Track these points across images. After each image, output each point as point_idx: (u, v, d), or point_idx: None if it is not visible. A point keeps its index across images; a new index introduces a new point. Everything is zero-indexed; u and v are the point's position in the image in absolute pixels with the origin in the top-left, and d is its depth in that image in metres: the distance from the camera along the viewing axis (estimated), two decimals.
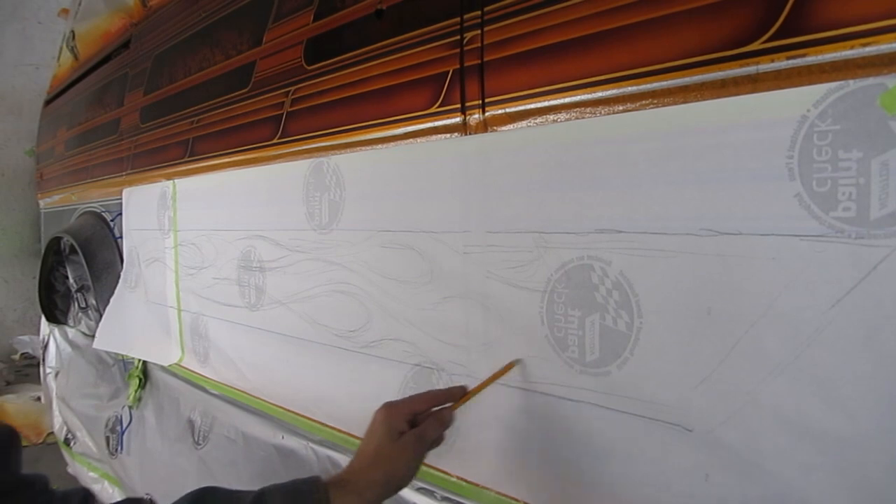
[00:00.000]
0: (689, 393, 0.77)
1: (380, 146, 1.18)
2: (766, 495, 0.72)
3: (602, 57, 0.82)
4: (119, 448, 2.17)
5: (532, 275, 0.93)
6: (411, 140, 1.11)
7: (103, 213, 2.45)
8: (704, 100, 0.74)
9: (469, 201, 1.01)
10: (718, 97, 0.73)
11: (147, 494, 1.99)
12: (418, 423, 0.89)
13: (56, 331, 2.97)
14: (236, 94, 1.56)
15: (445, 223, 1.05)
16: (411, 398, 0.93)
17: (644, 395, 0.81)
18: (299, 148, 1.36)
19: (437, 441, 0.91)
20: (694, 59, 0.74)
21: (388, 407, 0.90)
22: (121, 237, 2.26)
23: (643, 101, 0.79)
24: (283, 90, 1.40)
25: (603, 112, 0.84)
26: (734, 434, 0.73)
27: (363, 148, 1.21)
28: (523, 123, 0.94)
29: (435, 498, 1.10)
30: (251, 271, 1.54)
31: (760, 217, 0.70)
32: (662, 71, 0.77)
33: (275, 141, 1.43)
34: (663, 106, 0.78)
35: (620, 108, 0.82)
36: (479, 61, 0.98)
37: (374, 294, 1.20)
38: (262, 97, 1.47)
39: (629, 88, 0.81)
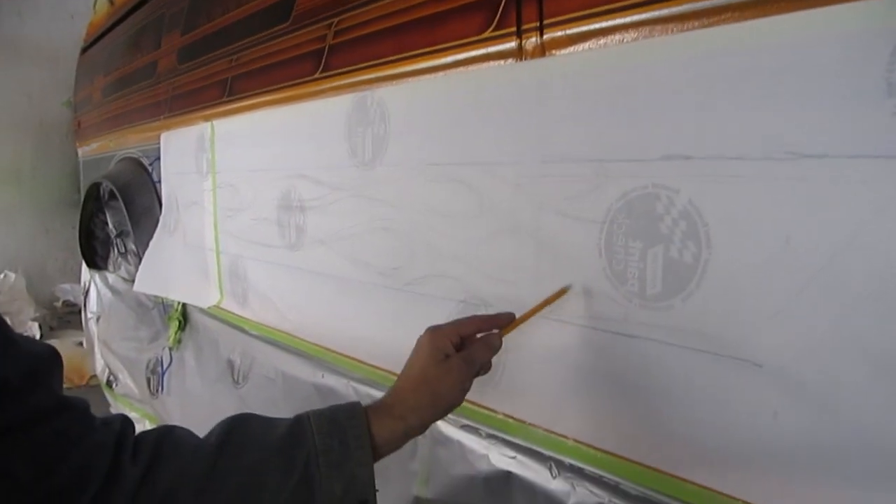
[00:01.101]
0: (760, 327, 0.73)
1: (427, 76, 1.13)
2: (840, 435, 0.68)
3: None
4: (160, 388, 2.21)
5: (590, 205, 0.88)
6: (461, 68, 1.07)
7: (141, 159, 2.45)
8: (788, 12, 0.69)
9: (523, 131, 0.97)
10: (804, 9, 0.67)
11: None
12: (465, 347, 0.86)
13: (97, 276, 3.01)
14: (276, 28, 1.52)
15: (497, 154, 1.01)
16: (458, 321, 0.90)
17: (709, 330, 0.77)
18: (342, 82, 1.32)
19: (485, 367, 0.88)
20: None
21: (434, 330, 0.87)
22: (159, 182, 2.26)
23: (719, 17, 0.74)
24: (325, 22, 1.35)
25: (674, 30, 0.78)
26: (809, 370, 0.69)
27: (410, 79, 1.17)
28: (585, 46, 0.88)
29: (480, 435, 1.09)
30: (291, 211, 1.52)
31: (850, 138, 0.64)
32: None
33: (316, 76, 1.39)
34: (741, 21, 0.72)
35: (695, 24, 0.76)
36: None
37: (419, 230, 1.17)
38: (303, 31, 1.42)
39: (703, 3, 0.75)
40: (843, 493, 0.68)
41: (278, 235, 1.59)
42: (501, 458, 1.05)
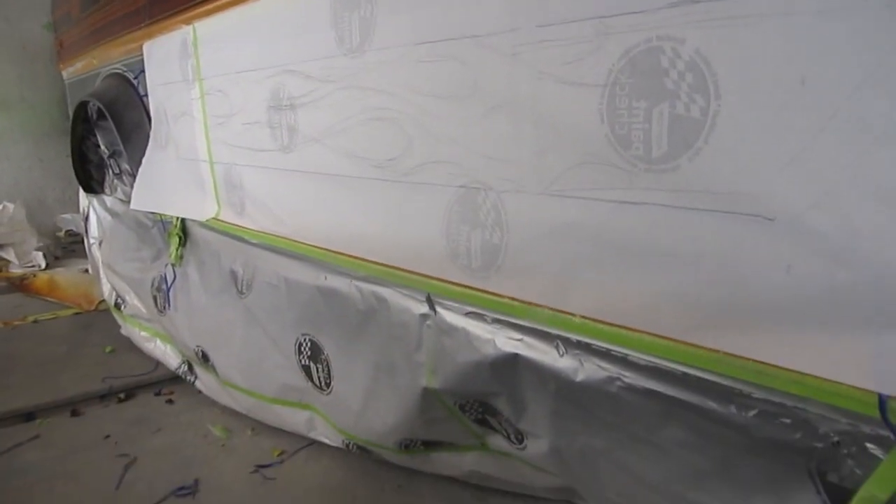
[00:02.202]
0: (773, 177, 0.69)
1: None
2: (857, 281, 0.65)
3: None
4: (167, 305, 2.21)
5: (590, 68, 0.83)
6: None
7: (126, 73, 2.37)
8: None
9: None
10: None
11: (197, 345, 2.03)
12: None
13: (94, 201, 2.97)
14: None
15: (490, 23, 0.95)
16: None
17: (718, 187, 0.74)
18: None
19: None
20: None
21: None
22: (146, 95, 2.19)
23: None
24: None
25: None
26: (825, 217, 0.66)
27: None
28: None
29: (485, 321, 1.07)
30: (281, 111, 1.47)
31: None
32: None
33: None
34: None
35: None
36: None
37: (414, 115, 1.12)
38: None
39: None
40: (856, 341, 0.66)
41: (270, 138, 1.54)
42: (508, 342, 1.04)
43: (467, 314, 1.10)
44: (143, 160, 2.19)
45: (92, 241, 3.10)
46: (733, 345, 0.76)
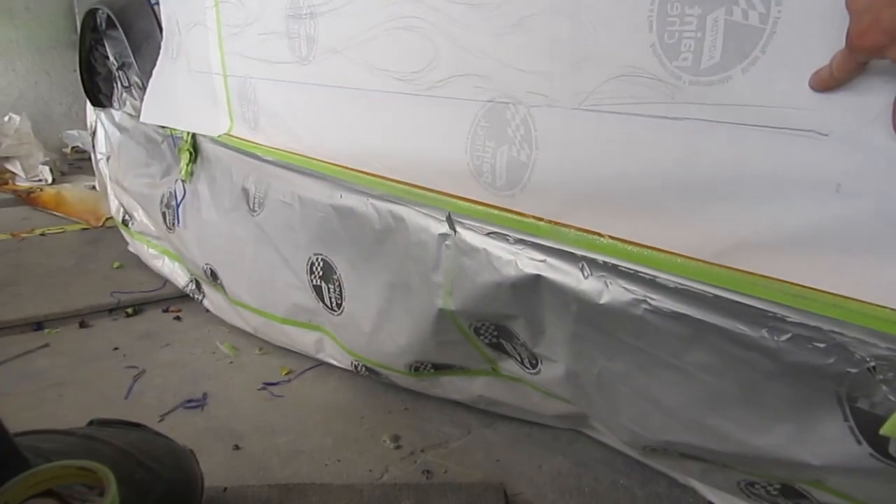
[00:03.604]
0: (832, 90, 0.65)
1: None
2: None
3: None
4: (176, 222, 2.18)
5: None
6: None
7: None
8: None
9: None
10: None
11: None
12: None
13: (102, 115, 2.91)
14: None
15: None
16: None
17: (771, 101, 0.70)
18: None
19: None
20: None
21: None
22: (157, 3, 2.11)
23: None
24: None
25: None
26: (882, 133, 0.62)
27: None
28: None
29: (507, 241, 1.05)
30: (301, 19, 1.41)
31: None
32: None
33: None
34: None
35: None
36: None
37: (441, 24, 1.07)
38: None
39: None
40: None
41: (288, 49, 1.48)
42: (530, 263, 1.01)
43: (489, 234, 1.08)
44: (154, 72, 2.13)
45: (99, 156, 3.05)
46: (771, 267, 0.74)
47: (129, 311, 2.28)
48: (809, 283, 0.71)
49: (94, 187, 3.53)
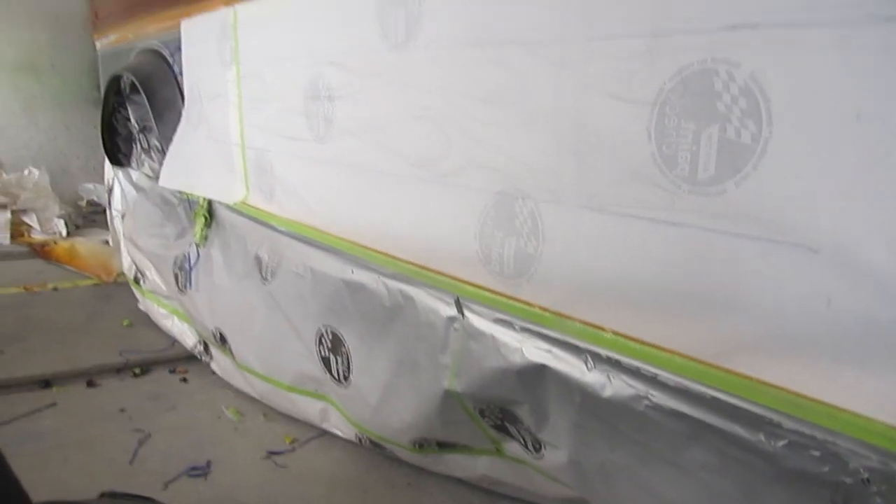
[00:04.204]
0: (821, 209, 0.69)
1: None
2: None
3: None
4: (188, 284, 2.23)
5: (641, 85, 0.83)
6: None
7: (162, 50, 2.38)
8: None
9: (567, 5, 0.90)
10: None
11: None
12: None
13: (120, 174, 2.99)
14: None
15: (540, 31, 0.95)
16: None
17: (763, 215, 0.74)
18: None
19: None
20: None
21: None
22: (181, 74, 2.20)
23: None
24: None
25: None
26: (871, 252, 0.66)
27: None
28: None
29: (514, 329, 1.08)
30: (319, 101, 1.47)
31: None
32: None
33: None
34: None
35: None
36: None
37: (455, 117, 1.12)
38: None
39: None
40: (894, 378, 0.66)
41: (306, 127, 1.54)
42: (536, 352, 1.04)
43: (496, 320, 1.11)
44: (175, 138, 2.20)
45: (115, 213, 3.12)
46: (767, 373, 0.76)
47: (137, 370, 2.30)
48: (804, 389, 0.73)
49: (107, 242, 3.59)
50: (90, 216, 4.49)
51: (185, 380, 2.25)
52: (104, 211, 3.94)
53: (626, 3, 0.83)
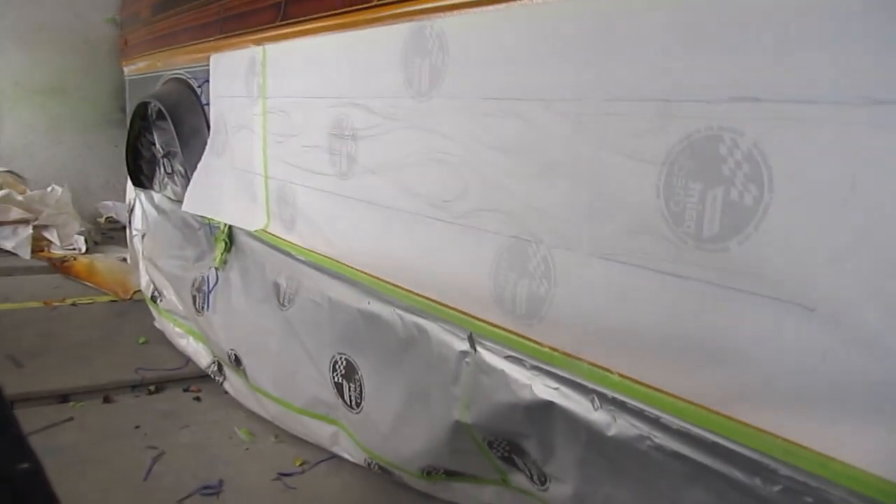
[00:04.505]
0: (817, 271, 0.74)
1: (489, 7, 1.12)
2: (890, 376, 0.70)
3: None
4: (205, 306, 2.29)
5: (651, 145, 0.89)
6: (524, 1, 1.06)
7: (190, 80, 2.47)
8: None
9: (586, 67, 0.97)
10: None
11: None
12: None
13: (142, 195, 3.07)
14: None
15: (557, 90, 1.01)
16: None
17: (764, 273, 0.79)
18: (400, 10, 1.31)
19: None
20: None
21: None
22: (207, 104, 2.28)
23: None
24: None
25: None
26: (865, 313, 0.71)
27: (471, 10, 1.16)
28: None
29: (524, 366, 1.13)
30: (343, 139, 1.54)
31: None
32: None
33: (374, 3, 1.38)
34: None
35: None
36: None
37: (473, 163, 1.18)
38: None
39: None
40: (885, 432, 0.70)
41: (329, 163, 1.61)
42: (544, 389, 1.09)
43: (507, 357, 1.16)
44: (199, 165, 2.28)
45: (135, 232, 3.20)
46: (764, 420, 0.81)
47: (152, 388, 2.36)
48: (799, 439, 0.77)
49: (124, 259, 3.67)
50: (108, 233, 4.58)
51: (198, 398, 2.31)
52: (122, 228, 4.02)
53: (640, 71, 0.89)
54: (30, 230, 3.87)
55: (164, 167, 2.80)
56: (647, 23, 0.89)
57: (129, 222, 3.30)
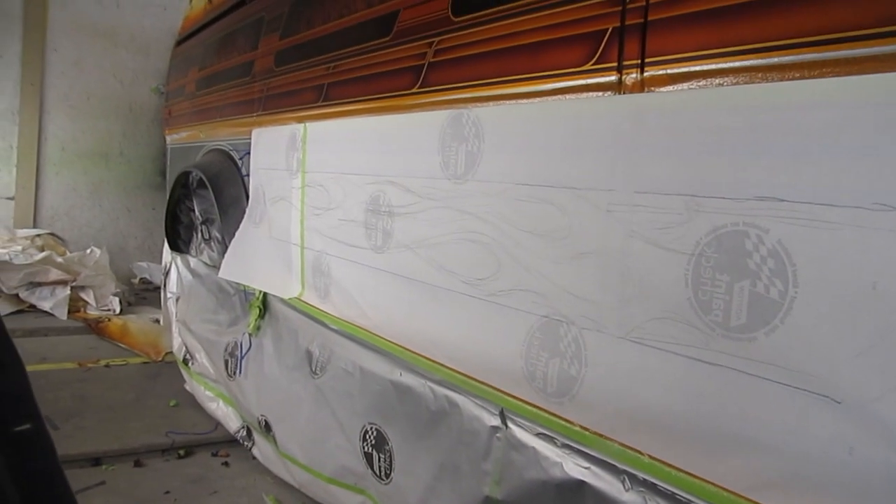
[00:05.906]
0: (842, 365, 0.77)
1: (524, 101, 1.20)
2: None
3: (783, 21, 0.81)
4: (237, 371, 2.34)
5: (679, 237, 0.94)
6: (559, 96, 1.13)
7: (231, 152, 2.59)
8: (891, 71, 0.73)
9: (617, 160, 1.03)
10: None
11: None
12: None
13: (178, 259, 3.18)
14: (376, 42, 1.61)
15: (589, 181, 1.07)
16: None
17: (790, 364, 0.82)
18: (439, 98, 1.40)
19: None
20: (885, 29, 0.72)
21: None
22: (247, 175, 2.38)
23: (823, 70, 0.78)
24: (426, 40, 1.43)
25: (776, 78, 0.83)
26: (889, 409, 0.73)
27: (506, 101, 1.24)
28: (684, 85, 0.94)
29: (555, 444, 1.15)
30: (379, 215, 1.61)
31: None
32: (847, 39, 0.76)
33: (414, 90, 1.47)
34: (845, 75, 0.77)
35: (796, 75, 0.81)
36: (643, 20, 0.98)
37: (507, 245, 1.24)
38: (403, 46, 1.51)
39: (809, 55, 0.79)
40: None
41: (365, 237, 1.68)
42: (575, 468, 1.11)
43: (538, 434, 1.18)
44: (237, 233, 2.37)
45: (169, 295, 3.29)
46: None
47: (182, 452, 2.39)
48: None
49: (157, 321, 3.75)
50: (142, 293, 4.69)
51: (226, 464, 2.33)
52: (156, 289, 4.13)
53: (669, 167, 0.95)
54: (68, 291, 3.99)
55: (202, 233, 2.90)
56: (674, 122, 0.94)
57: (164, 285, 3.39)
